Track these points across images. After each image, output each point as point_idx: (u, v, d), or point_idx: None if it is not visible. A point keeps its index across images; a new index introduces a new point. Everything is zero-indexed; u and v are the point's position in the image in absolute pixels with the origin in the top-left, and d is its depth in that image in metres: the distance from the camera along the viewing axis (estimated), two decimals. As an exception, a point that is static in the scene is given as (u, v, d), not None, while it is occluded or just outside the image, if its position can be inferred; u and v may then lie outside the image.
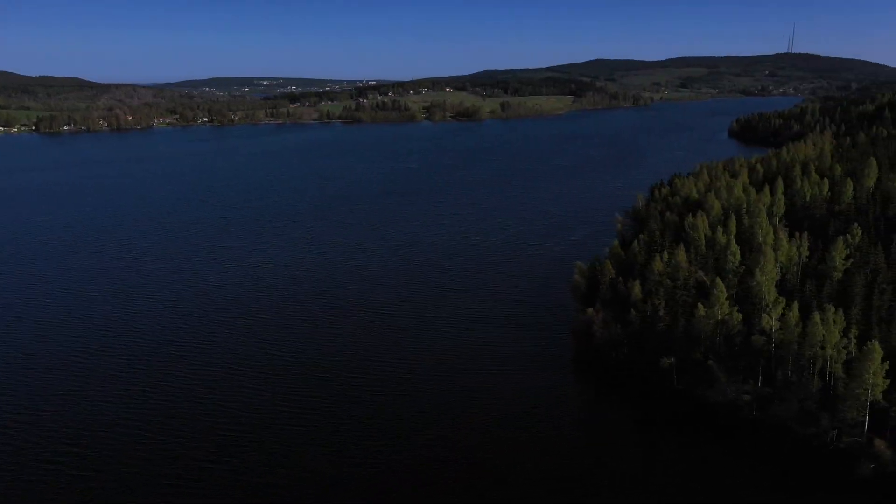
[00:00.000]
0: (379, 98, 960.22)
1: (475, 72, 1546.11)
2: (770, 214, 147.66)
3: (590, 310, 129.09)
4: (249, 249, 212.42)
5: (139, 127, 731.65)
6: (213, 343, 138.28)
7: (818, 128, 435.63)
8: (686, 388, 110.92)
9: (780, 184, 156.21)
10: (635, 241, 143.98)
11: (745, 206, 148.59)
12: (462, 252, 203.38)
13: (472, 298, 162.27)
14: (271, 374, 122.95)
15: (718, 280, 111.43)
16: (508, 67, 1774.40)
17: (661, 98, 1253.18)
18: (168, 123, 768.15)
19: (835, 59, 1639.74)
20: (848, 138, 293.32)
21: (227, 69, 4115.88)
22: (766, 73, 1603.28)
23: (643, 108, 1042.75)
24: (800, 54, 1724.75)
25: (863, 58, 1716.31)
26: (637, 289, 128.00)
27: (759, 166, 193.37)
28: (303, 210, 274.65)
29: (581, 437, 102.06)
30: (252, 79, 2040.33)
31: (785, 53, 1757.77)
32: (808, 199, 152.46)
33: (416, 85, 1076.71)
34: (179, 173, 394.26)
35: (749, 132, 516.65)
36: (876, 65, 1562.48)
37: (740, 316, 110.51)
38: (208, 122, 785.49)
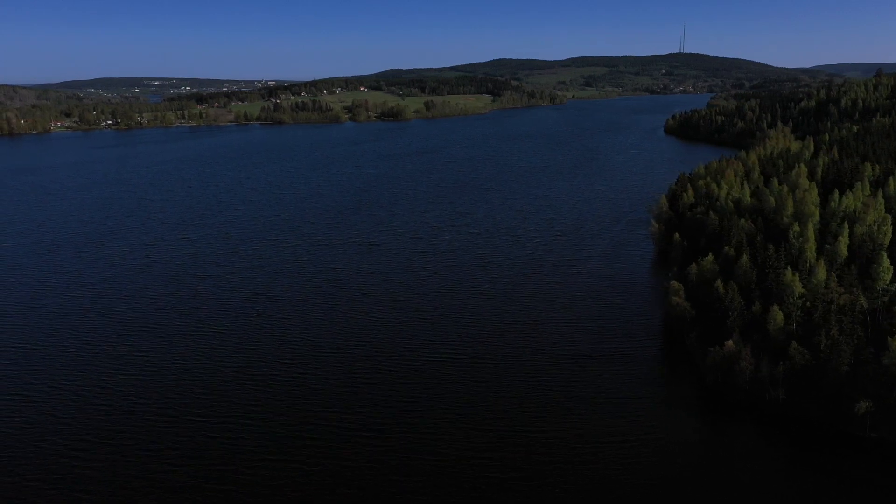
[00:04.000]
0: (293, 98, 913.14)
1: (380, 71, 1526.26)
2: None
3: (729, 342, 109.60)
4: (234, 279, 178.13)
5: (34, 131, 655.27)
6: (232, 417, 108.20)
7: (764, 124, 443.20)
8: (885, 436, 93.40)
9: (866, 186, 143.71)
10: (743, 256, 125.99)
11: (844, 212, 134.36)
12: (492, 274, 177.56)
13: (537, 332, 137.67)
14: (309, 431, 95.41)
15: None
16: (413, 67, 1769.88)
17: (572, 96, 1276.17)
18: (67, 127, 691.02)
19: (723, 58, 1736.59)
20: (827, 135, 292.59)
21: (113, 69, 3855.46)
22: (663, 71, 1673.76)
23: (560, 106, 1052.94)
24: (691, 54, 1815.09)
25: (748, 58, 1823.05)
26: (779, 315, 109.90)
27: (802, 166, 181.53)
28: (273, 227, 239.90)
29: None
30: (142, 79, 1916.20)
31: (678, 53, 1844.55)
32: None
33: (330, 84, 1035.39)
34: (103, 184, 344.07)
35: (689, 129, 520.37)
36: (761, 64, 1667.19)
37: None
38: (112, 125, 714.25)
